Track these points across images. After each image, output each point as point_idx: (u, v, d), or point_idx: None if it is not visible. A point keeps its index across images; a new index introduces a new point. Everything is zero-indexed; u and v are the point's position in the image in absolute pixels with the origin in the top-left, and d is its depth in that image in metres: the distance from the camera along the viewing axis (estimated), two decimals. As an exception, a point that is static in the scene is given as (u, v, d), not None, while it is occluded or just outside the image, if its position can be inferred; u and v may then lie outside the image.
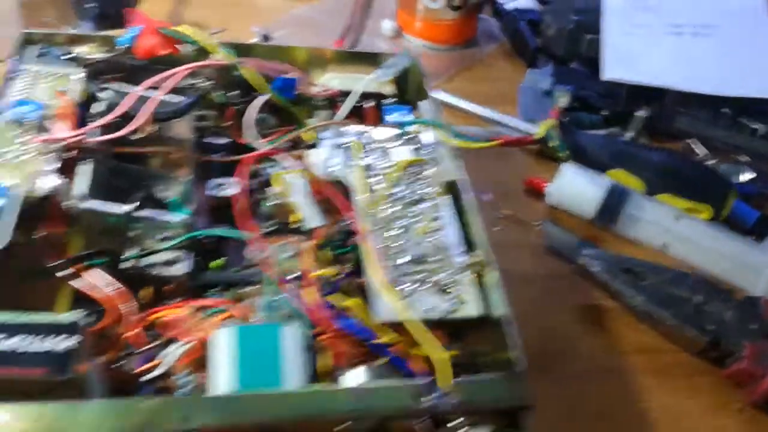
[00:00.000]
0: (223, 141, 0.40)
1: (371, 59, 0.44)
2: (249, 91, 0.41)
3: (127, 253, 0.32)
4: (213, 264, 0.34)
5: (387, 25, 0.58)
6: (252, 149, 0.38)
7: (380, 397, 0.26)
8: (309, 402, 0.25)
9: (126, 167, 0.35)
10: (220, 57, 0.38)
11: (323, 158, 0.38)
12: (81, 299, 0.30)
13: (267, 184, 0.38)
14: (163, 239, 0.33)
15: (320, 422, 0.25)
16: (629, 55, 0.54)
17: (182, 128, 0.38)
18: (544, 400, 0.26)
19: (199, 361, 0.28)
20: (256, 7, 0.62)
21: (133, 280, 0.31)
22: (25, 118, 0.33)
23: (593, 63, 0.56)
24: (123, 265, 0.31)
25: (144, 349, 0.29)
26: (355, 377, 0.27)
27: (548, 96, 0.54)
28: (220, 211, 0.36)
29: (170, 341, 0.29)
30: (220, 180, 0.38)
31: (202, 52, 0.38)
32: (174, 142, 0.38)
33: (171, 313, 0.30)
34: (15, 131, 0.33)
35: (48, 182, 0.31)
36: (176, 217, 0.33)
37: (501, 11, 0.62)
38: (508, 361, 0.27)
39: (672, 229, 0.43)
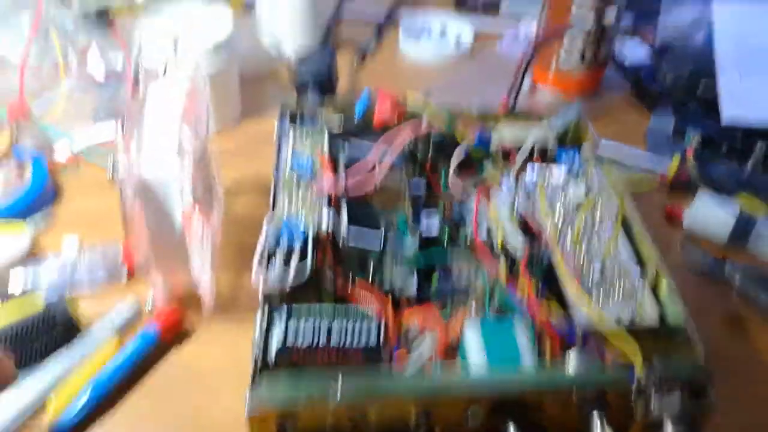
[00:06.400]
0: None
1: (533, 115, 0.54)
2: (441, 149, 0.52)
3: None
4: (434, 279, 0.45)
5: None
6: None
7: (600, 374, 0.35)
8: (549, 376, 0.35)
9: (367, 205, 0.47)
10: (437, 123, 0.49)
11: (508, 198, 0.48)
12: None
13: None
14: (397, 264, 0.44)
15: (557, 392, 0.35)
16: (746, 97, 0.62)
17: (395, 178, 0.50)
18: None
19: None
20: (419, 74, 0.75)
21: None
22: (303, 175, 0.46)
23: (709, 103, 0.65)
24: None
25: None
26: (572, 359, 0.37)
27: (674, 136, 0.63)
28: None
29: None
30: (426, 221, 0.49)
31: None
32: (391, 189, 0.49)
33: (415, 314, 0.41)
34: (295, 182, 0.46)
35: (325, 222, 0.43)
36: (409, 249, 0.45)
37: (622, 65, 0.72)
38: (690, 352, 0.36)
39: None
